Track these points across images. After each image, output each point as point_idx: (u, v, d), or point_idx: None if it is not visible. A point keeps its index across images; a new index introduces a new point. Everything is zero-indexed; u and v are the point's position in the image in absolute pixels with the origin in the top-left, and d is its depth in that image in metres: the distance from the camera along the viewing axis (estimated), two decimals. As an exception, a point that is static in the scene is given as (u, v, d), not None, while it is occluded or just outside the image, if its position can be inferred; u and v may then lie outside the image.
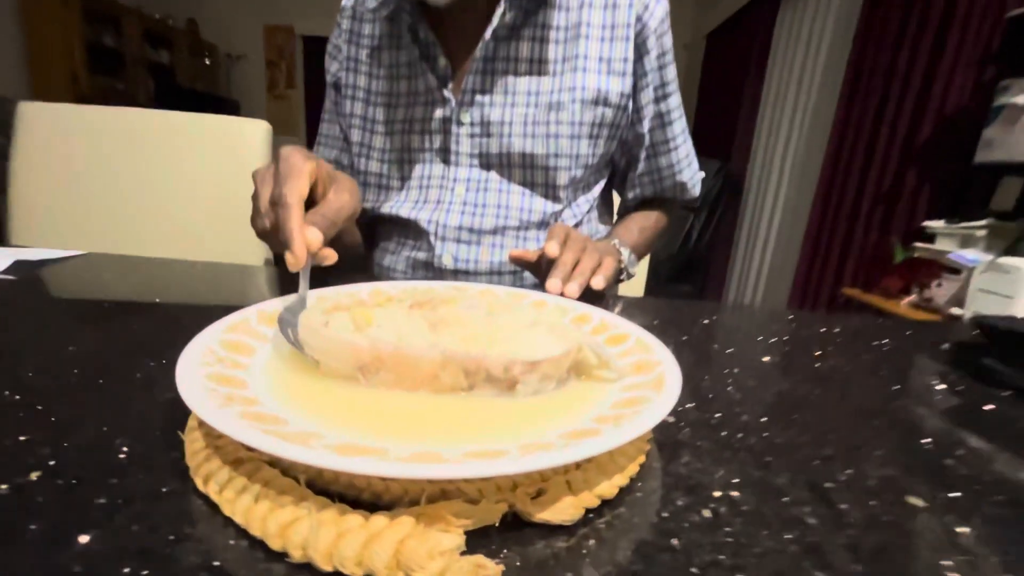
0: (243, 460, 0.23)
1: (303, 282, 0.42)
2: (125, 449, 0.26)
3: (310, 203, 0.47)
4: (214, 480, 0.22)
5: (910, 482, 0.28)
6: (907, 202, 1.88)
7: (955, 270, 1.55)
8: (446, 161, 0.75)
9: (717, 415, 0.35)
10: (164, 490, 0.23)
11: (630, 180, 0.85)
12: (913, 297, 1.63)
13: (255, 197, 0.48)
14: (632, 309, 0.63)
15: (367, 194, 0.80)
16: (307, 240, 0.40)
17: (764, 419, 0.35)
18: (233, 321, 0.36)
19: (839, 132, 2.28)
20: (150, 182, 1.07)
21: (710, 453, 0.30)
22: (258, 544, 0.20)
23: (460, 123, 0.73)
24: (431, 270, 0.74)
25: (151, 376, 0.35)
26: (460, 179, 0.74)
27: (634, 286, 1.21)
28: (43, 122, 1.08)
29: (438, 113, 0.73)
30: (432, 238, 0.73)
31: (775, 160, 2.93)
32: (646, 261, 1.21)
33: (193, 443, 0.25)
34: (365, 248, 0.86)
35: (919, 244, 1.70)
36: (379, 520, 0.20)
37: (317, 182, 0.46)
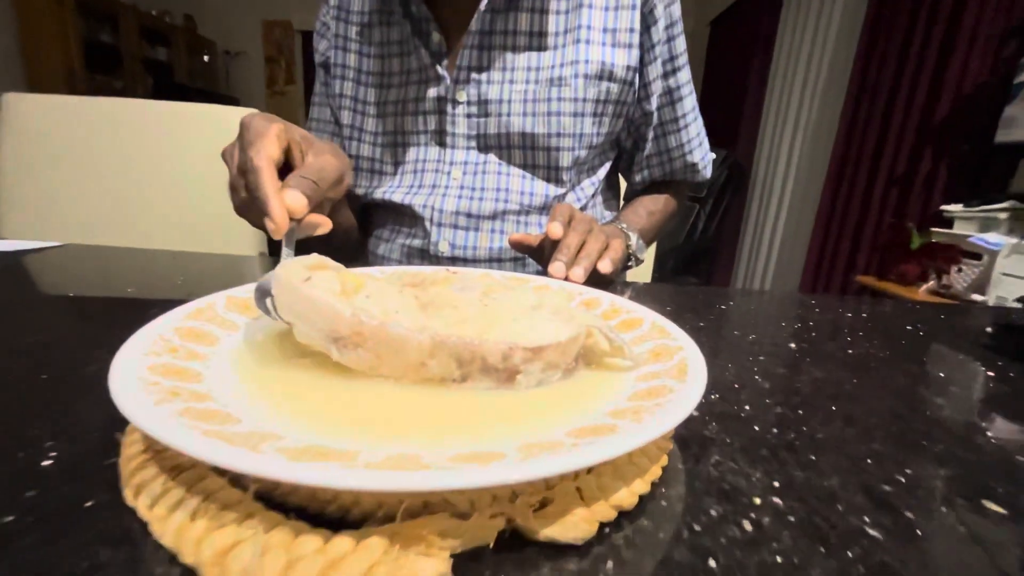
0: (184, 467, 0.19)
1: (286, 250, 0.38)
2: (53, 454, 0.22)
3: (289, 170, 0.43)
4: (146, 492, 0.18)
5: (982, 484, 0.24)
6: (923, 185, 1.82)
7: (975, 255, 1.49)
8: (442, 143, 0.70)
9: (747, 407, 0.31)
10: (88, 504, 0.19)
11: (637, 162, 0.80)
12: (931, 284, 1.58)
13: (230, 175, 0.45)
14: (642, 295, 0.58)
15: (359, 179, 0.76)
16: (288, 204, 0.36)
17: (800, 411, 0.31)
18: (196, 307, 0.32)
19: (850, 114, 2.21)
20: (140, 173, 1.04)
21: (744, 452, 0.26)
22: (191, 574, 0.16)
23: (456, 102, 0.68)
24: (427, 258, 0.70)
25: (103, 371, 0.31)
26: (457, 162, 0.70)
27: (639, 277, 1.17)
28: (29, 113, 1.04)
29: (432, 92, 0.68)
30: (428, 224, 0.69)
31: (783, 147, 2.86)
32: (652, 250, 1.17)
33: (130, 447, 0.21)
34: (360, 235, 0.82)
35: (936, 229, 1.64)
36: (342, 543, 0.16)
37: (291, 146, 0.43)
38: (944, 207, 1.64)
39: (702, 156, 0.80)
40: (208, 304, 0.33)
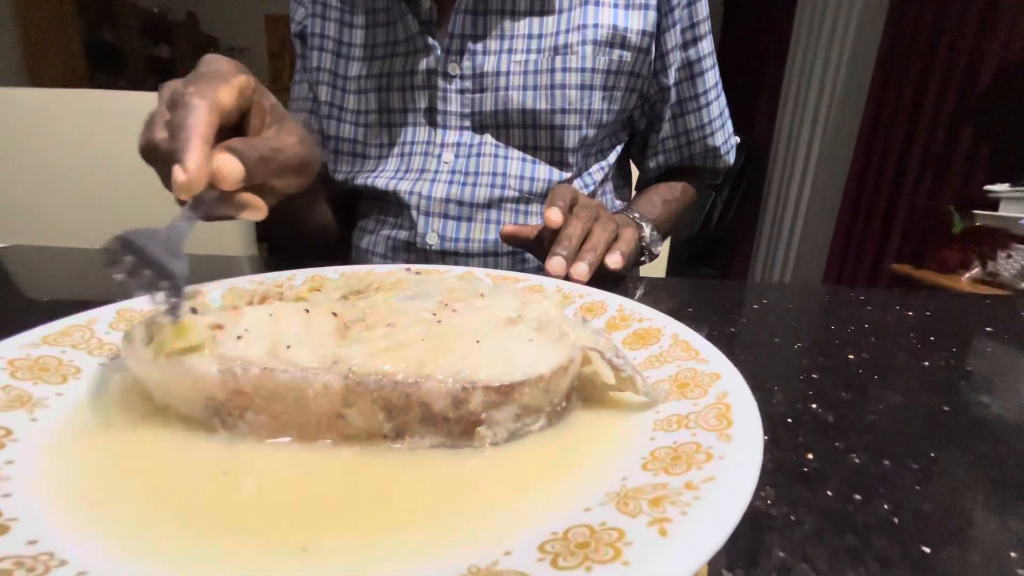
0: None
1: (187, 213, 0.27)
2: None
3: (237, 134, 0.33)
4: None
5: None
6: (963, 164, 1.67)
7: (1024, 239, 1.36)
8: (432, 123, 0.62)
9: (809, 456, 0.22)
10: None
11: (651, 145, 0.70)
12: (975, 271, 1.45)
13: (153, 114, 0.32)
14: (656, 293, 0.49)
15: (340, 164, 0.67)
16: (217, 165, 0.28)
17: (886, 461, 0.22)
18: (60, 327, 0.24)
19: (879, 89, 2.06)
20: (111, 168, 0.97)
21: (822, 541, 0.17)
22: None
23: (448, 76, 0.59)
24: (414, 252, 0.61)
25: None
26: (448, 144, 0.61)
27: (652, 271, 1.07)
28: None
29: (421, 65, 0.59)
30: (415, 213, 0.60)
31: (804, 126, 2.71)
32: (667, 242, 1.07)
33: None
34: (342, 230, 0.74)
35: (980, 211, 1.50)
36: None
37: (252, 109, 0.34)
38: (989, 187, 1.50)
39: (724, 139, 0.69)
40: (87, 321, 0.25)
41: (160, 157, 0.30)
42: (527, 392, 0.18)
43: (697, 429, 0.18)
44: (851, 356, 0.35)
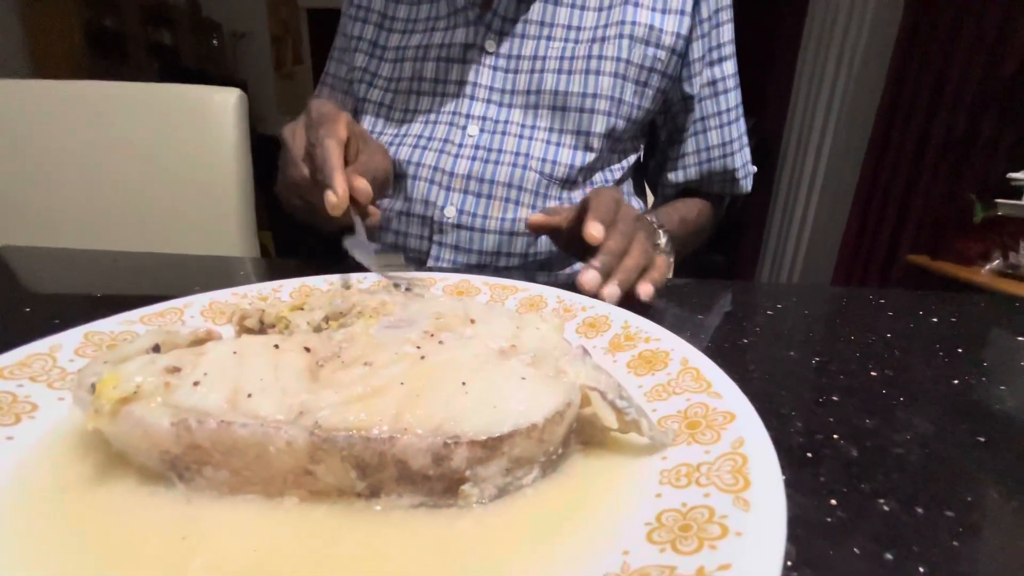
0: None
1: (359, 228, 0.41)
2: None
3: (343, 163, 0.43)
4: None
5: None
6: (985, 150, 1.61)
7: (1048, 228, 1.30)
8: (461, 94, 0.60)
9: (833, 502, 0.20)
10: None
11: (672, 159, 0.68)
12: (996, 263, 1.40)
13: (286, 150, 0.46)
14: (664, 295, 0.47)
15: (363, 122, 0.66)
16: (357, 186, 0.39)
17: (920, 508, 0.20)
18: (19, 357, 0.22)
19: (898, 70, 1.98)
20: (106, 162, 0.95)
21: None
22: None
23: (485, 52, 0.60)
24: (429, 225, 0.59)
25: None
26: (475, 116, 0.60)
27: None
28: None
29: (459, 38, 0.59)
30: (434, 187, 0.58)
31: (818, 113, 2.63)
32: None
33: None
34: None
35: (1003, 200, 1.44)
36: None
37: (351, 139, 0.44)
38: (1012, 174, 1.44)
39: (743, 163, 0.68)
40: (51, 348, 0.24)
41: (303, 190, 0.44)
42: (518, 444, 0.16)
43: (710, 487, 0.16)
44: (874, 373, 0.32)
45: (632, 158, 0.67)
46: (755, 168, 0.70)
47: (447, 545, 0.15)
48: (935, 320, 0.43)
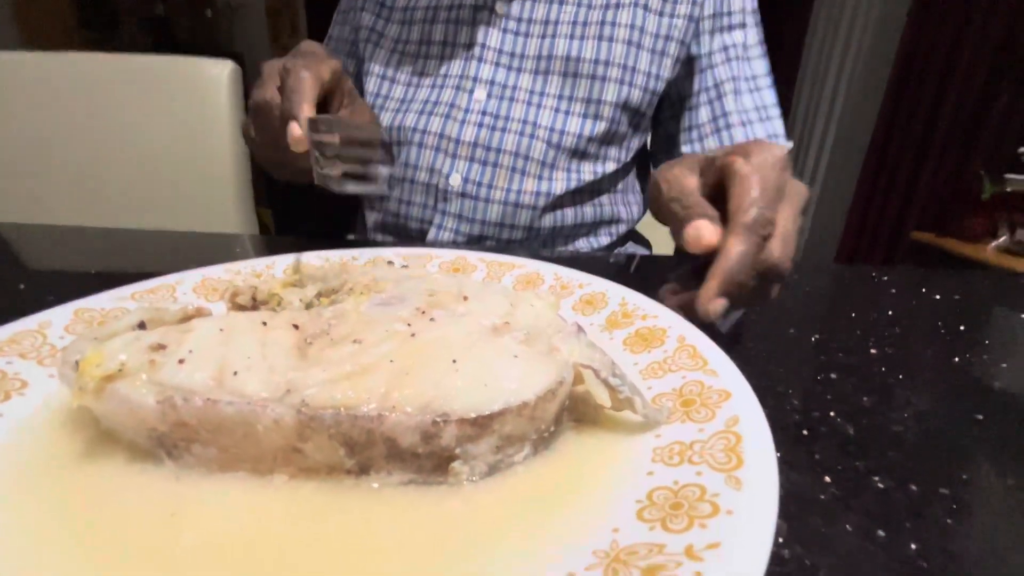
0: None
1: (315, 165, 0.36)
2: None
3: (321, 110, 0.41)
4: None
5: None
6: (996, 124, 1.57)
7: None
8: (469, 56, 0.58)
9: (830, 486, 0.20)
10: None
11: (684, 131, 0.62)
12: (1002, 240, 1.38)
13: (260, 78, 0.42)
14: (664, 272, 0.47)
15: (368, 84, 0.64)
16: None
17: (943, 494, 0.20)
18: (8, 334, 0.22)
19: (910, 41, 1.92)
20: (98, 137, 0.94)
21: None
22: None
23: (495, 14, 0.57)
24: (433, 194, 0.58)
25: None
26: (482, 80, 0.58)
27: (662, 236, 1.02)
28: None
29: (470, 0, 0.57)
30: (440, 155, 0.57)
31: (827, 86, 2.56)
32: None
33: None
34: None
35: (1012, 176, 1.41)
36: None
37: (336, 92, 0.42)
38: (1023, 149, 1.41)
39: (770, 135, 0.60)
40: (40, 324, 0.23)
41: (269, 114, 0.39)
42: (509, 422, 0.16)
43: (703, 466, 0.16)
44: (873, 351, 0.32)
45: (642, 139, 0.63)
46: (790, 143, 0.61)
47: (436, 523, 0.15)
48: (938, 297, 0.42)
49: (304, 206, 0.58)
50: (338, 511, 0.15)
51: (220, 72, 0.97)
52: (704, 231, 0.27)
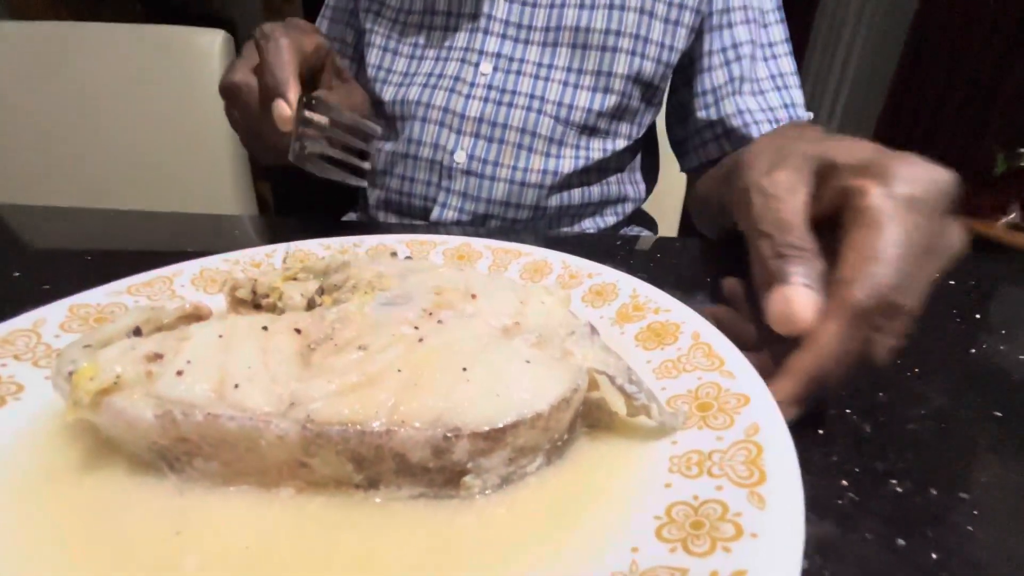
0: None
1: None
2: None
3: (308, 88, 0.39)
4: None
5: None
6: (1011, 97, 1.52)
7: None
8: (475, 28, 0.56)
9: (848, 489, 0.20)
10: None
11: (698, 97, 0.57)
12: (1013, 216, 1.36)
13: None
14: (672, 255, 0.46)
15: (369, 56, 0.61)
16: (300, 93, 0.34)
17: (963, 498, 0.19)
18: (1, 334, 0.21)
19: (923, 13, 1.85)
20: (86, 111, 0.91)
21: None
22: None
23: None
24: (438, 171, 0.57)
25: None
26: (488, 53, 0.56)
27: (668, 212, 0.99)
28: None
29: None
30: (444, 131, 0.55)
31: (836, 57, 2.48)
32: (680, 181, 0.95)
33: None
34: None
35: (1025, 150, 1.38)
36: None
37: (326, 71, 0.41)
38: (1038, 121, 1.37)
39: (785, 104, 0.56)
40: (34, 323, 0.23)
41: (246, 96, 0.37)
42: (522, 434, 0.16)
43: (723, 479, 0.15)
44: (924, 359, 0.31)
45: (656, 113, 0.60)
46: (811, 115, 0.58)
47: (448, 540, 0.14)
48: (952, 282, 0.41)
49: (304, 181, 0.55)
50: (347, 527, 0.15)
51: (211, 42, 0.94)
52: (797, 307, 0.19)
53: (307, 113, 0.34)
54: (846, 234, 0.20)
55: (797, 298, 0.20)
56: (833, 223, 0.21)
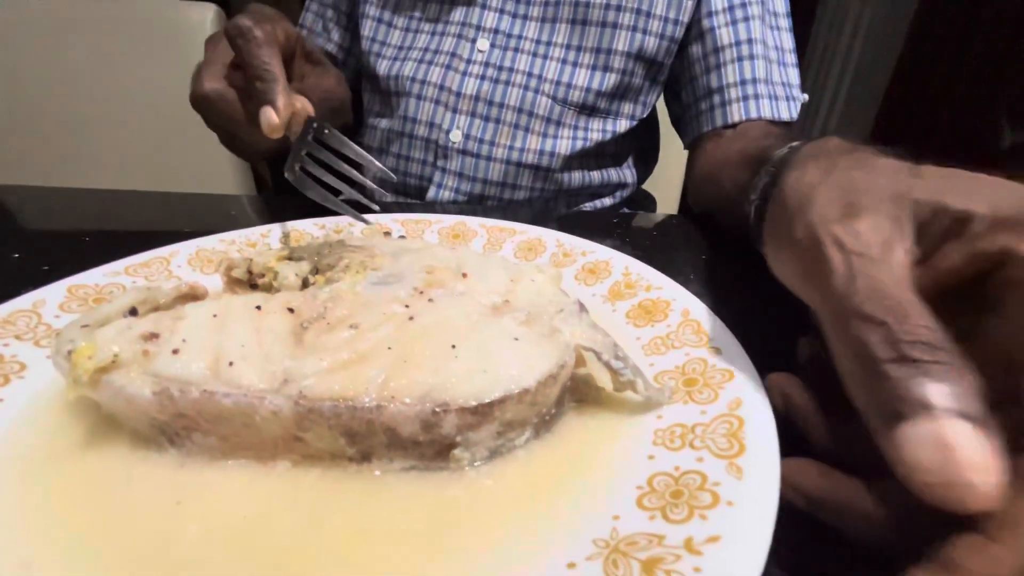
0: None
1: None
2: None
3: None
4: None
5: None
6: (1021, 70, 1.48)
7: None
8: (472, 2, 0.54)
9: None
10: None
11: (699, 64, 0.55)
12: (1018, 189, 1.33)
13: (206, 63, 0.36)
14: (671, 234, 0.46)
15: (364, 27, 0.59)
16: (298, 104, 0.32)
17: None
18: (1, 314, 0.22)
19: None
20: (76, 89, 0.89)
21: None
22: None
23: None
24: (433, 150, 0.56)
25: None
26: (486, 28, 0.54)
27: (667, 188, 0.98)
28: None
29: None
30: (440, 108, 0.54)
31: (845, 29, 2.42)
32: (680, 160, 0.94)
33: None
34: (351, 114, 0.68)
35: (1034, 121, 1.35)
36: None
37: (297, 57, 0.39)
38: (1048, 93, 1.34)
39: (784, 81, 0.54)
40: (34, 304, 0.23)
41: (226, 107, 0.34)
42: (509, 408, 0.16)
43: (704, 451, 0.16)
44: None
45: (660, 92, 0.58)
46: (806, 96, 0.56)
47: (438, 510, 0.15)
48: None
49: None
50: (341, 498, 0.15)
51: (203, 17, 0.92)
52: (968, 465, 0.11)
53: (311, 139, 0.33)
54: (1004, 323, 0.14)
55: (960, 444, 0.11)
56: (952, 306, 0.15)
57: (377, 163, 0.32)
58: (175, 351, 0.16)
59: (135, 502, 0.15)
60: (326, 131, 0.32)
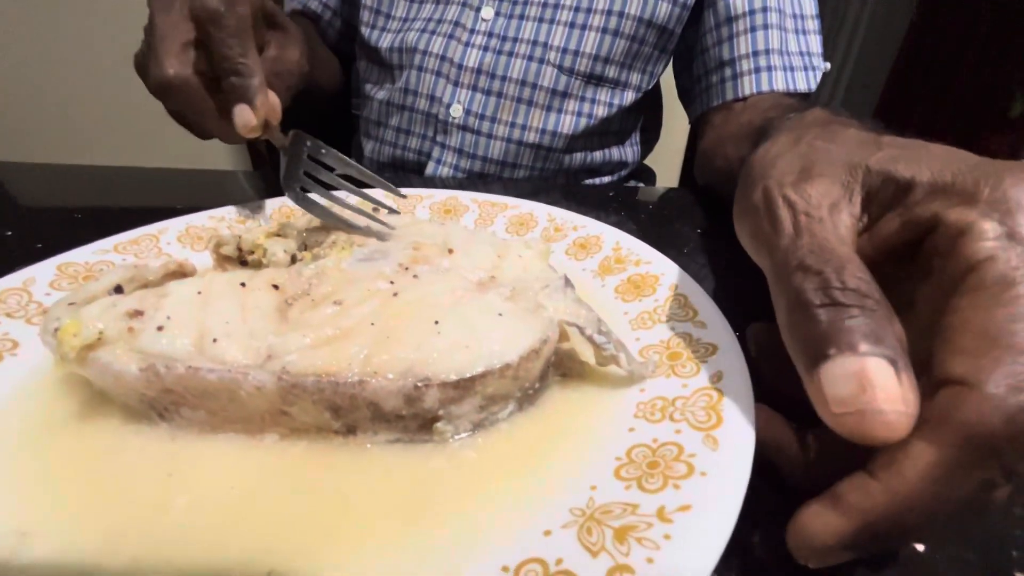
0: None
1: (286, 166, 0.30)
2: None
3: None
4: None
5: None
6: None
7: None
8: None
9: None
10: None
11: (711, 34, 0.52)
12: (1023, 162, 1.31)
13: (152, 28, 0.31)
14: (670, 208, 0.45)
15: (363, 14, 0.58)
16: (272, 101, 0.30)
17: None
18: (2, 288, 0.22)
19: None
20: (64, 61, 0.88)
21: None
22: None
23: None
24: (433, 124, 0.55)
25: None
26: None
27: (668, 165, 0.97)
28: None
29: None
30: (441, 81, 0.53)
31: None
32: (681, 133, 0.92)
33: None
34: (344, 85, 0.65)
35: (1047, 89, 1.31)
36: None
37: (257, 30, 0.34)
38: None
39: (802, 50, 0.51)
40: (24, 282, 0.23)
41: (187, 93, 0.30)
42: (491, 383, 0.16)
43: (682, 424, 0.16)
44: None
45: (668, 62, 0.55)
46: (827, 65, 0.53)
47: (421, 481, 0.15)
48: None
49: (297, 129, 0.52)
50: (328, 469, 0.16)
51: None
52: (878, 395, 0.12)
53: (309, 158, 0.30)
54: (946, 300, 0.13)
55: (877, 379, 0.12)
56: (893, 272, 0.15)
57: (379, 178, 0.30)
58: (160, 328, 0.16)
59: (128, 473, 0.15)
60: (323, 151, 0.30)
